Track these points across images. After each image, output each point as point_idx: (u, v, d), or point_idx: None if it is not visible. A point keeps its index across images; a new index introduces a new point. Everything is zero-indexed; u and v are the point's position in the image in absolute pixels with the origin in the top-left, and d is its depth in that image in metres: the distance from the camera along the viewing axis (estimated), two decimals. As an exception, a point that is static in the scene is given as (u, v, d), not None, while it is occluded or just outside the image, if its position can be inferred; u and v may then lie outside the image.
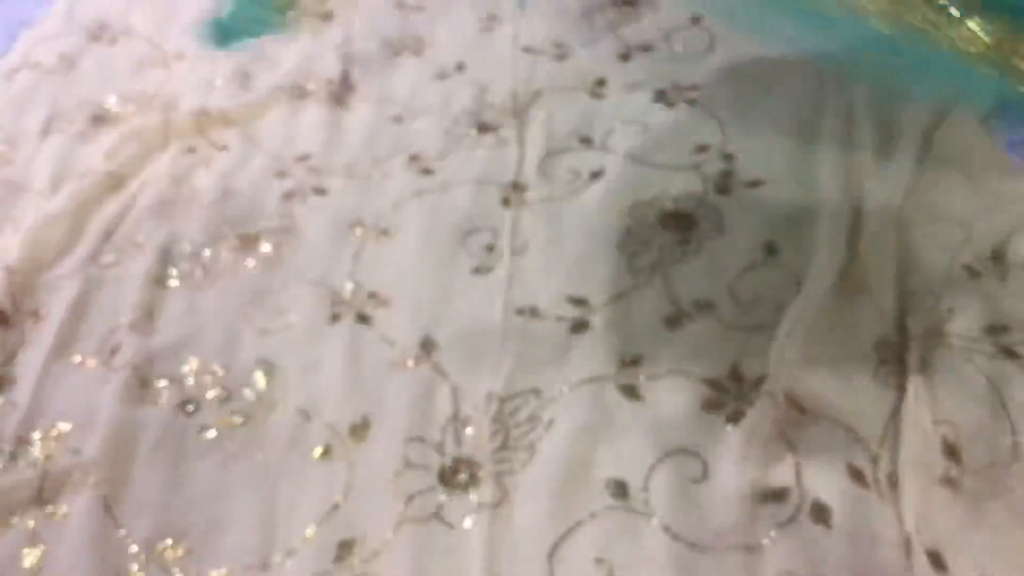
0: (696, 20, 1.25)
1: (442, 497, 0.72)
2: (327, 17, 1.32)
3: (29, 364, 0.85)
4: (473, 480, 0.73)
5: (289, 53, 1.24)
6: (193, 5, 1.33)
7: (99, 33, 1.29)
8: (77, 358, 0.86)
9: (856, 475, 0.72)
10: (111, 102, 1.16)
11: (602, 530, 0.69)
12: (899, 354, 0.80)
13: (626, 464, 0.73)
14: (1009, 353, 0.77)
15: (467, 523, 0.71)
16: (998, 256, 0.85)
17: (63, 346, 0.86)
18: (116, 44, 1.27)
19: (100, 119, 1.14)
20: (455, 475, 0.74)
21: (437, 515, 0.71)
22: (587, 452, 0.74)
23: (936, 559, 0.66)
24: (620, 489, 0.72)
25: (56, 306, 0.90)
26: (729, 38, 1.21)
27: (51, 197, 1.02)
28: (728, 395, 0.78)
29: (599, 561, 0.67)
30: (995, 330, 0.79)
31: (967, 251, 0.85)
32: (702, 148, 1.03)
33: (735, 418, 0.76)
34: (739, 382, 0.79)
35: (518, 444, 0.75)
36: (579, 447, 0.74)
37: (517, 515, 0.71)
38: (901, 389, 0.78)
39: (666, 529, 0.69)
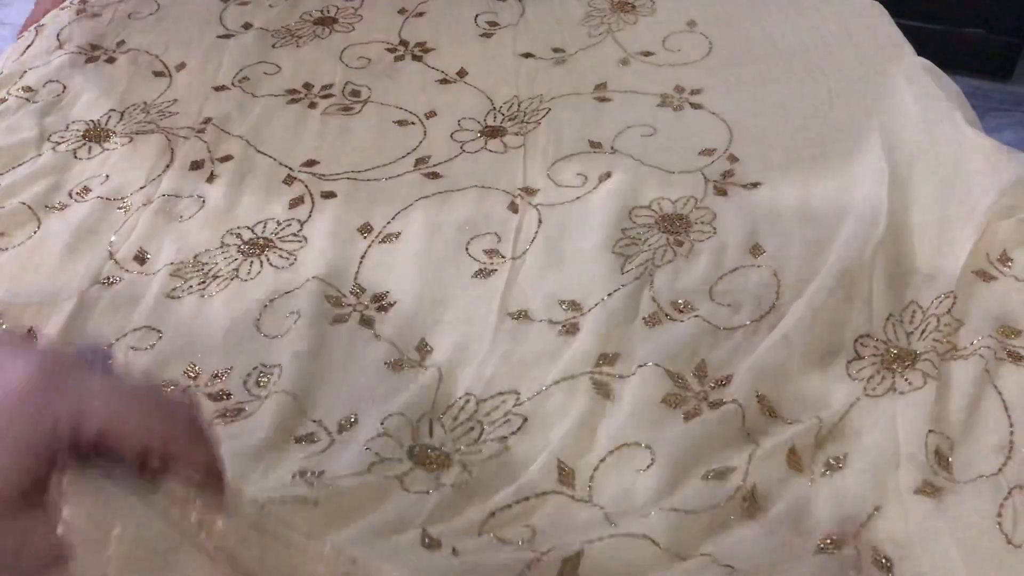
0: (692, 24, 1.26)
1: (406, 468, 0.73)
2: (329, 23, 1.34)
3: None
4: (440, 464, 0.74)
5: (292, 60, 1.26)
6: (196, 14, 1.36)
7: (97, 42, 1.30)
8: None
9: (793, 460, 0.71)
10: (110, 114, 1.16)
11: (539, 508, 0.70)
12: (878, 351, 0.80)
13: (584, 457, 0.73)
14: (1016, 357, 0.76)
15: (423, 489, 0.71)
16: (1009, 258, 0.84)
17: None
18: (116, 52, 1.28)
19: (98, 133, 1.13)
20: (424, 461, 0.74)
21: (398, 479, 0.72)
22: (553, 445, 0.74)
23: (883, 557, 0.65)
24: (567, 477, 0.72)
25: (45, 330, 0.87)
26: (727, 41, 1.22)
27: (46, 215, 1.01)
28: (690, 392, 0.78)
29: (525, 526, 0.68)
30: (1007, 333, 0.78)
31: (977, 255, 0.84)
32: (707, 151, 1.04)
33: (692, 415, 0.76)
34: (703, 380, 0.79)
35: (488, 437, 0.76)
36: (546, 441, 0.75)
37: (470, 490, 0.71)
38: (868, 382, 0.77)
39: (600, 510, 0.70)
